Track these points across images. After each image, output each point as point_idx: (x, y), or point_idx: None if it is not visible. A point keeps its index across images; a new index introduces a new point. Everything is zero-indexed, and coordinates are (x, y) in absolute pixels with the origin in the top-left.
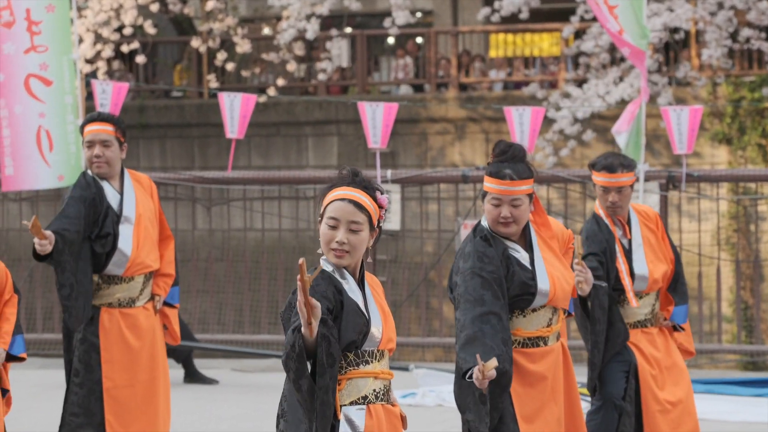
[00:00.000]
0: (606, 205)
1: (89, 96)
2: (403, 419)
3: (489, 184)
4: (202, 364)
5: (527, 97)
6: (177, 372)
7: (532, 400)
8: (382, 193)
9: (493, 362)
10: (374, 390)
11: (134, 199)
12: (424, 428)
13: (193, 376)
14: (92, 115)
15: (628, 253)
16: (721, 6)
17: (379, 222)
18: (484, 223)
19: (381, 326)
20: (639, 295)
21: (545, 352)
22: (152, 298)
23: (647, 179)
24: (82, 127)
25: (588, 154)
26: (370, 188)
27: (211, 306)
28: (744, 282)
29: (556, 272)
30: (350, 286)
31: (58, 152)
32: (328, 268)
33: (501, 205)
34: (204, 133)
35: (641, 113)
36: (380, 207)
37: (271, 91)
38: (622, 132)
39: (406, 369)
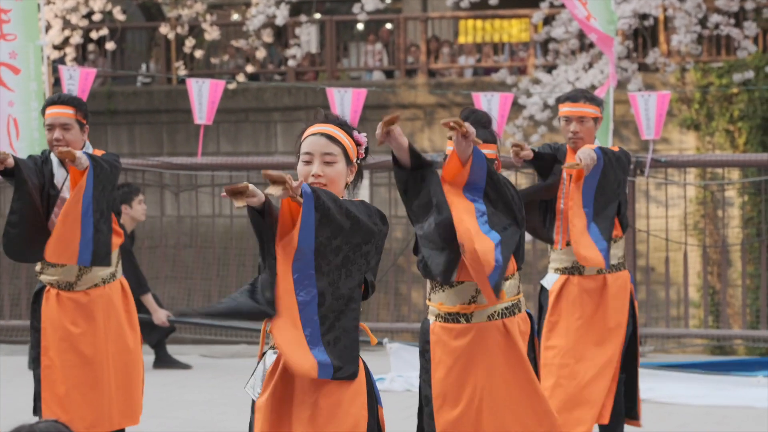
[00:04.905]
0: (568, 137)
1: (57, 82)
2: None
3: (450, 147)
4: (170, 351)
5: (497, 83)
6: (147, 358)
7: (448, 375)
8: (359, 132)
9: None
10: None
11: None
12: (391, 412)
13: (163, 360)
14: (52, 98)
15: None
16: None
17: (358, 159)
18: None
19: None
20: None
21: (466, 329)
22: (101, 284)
23: None
24: (43, 110)
25: (559, 140)
26: (345, 126)
27: (180, 292)
28: (711, 267)
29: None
30: None
31: (23, 139)
32: None
33: None
34: (172, 119)
35: (608, 98)
36: (357, 144)
37: (240, 78)
38: None
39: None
